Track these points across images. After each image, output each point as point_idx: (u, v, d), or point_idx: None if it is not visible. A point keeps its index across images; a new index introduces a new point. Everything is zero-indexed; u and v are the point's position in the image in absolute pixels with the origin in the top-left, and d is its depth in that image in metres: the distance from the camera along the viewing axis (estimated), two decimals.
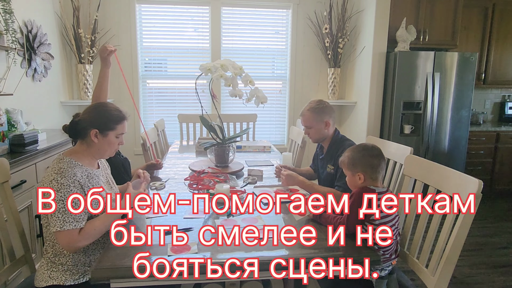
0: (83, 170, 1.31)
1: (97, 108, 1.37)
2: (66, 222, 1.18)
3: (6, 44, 2.41)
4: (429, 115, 3.39)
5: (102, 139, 1.34)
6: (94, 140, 1.33)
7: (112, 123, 1.35)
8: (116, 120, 1.37)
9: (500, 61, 3.99)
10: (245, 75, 2.07)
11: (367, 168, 1.34)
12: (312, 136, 1.96)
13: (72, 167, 1.27)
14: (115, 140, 1.38)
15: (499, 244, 2.86)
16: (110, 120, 1.35)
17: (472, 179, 1.21)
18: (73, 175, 1.24)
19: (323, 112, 1.90)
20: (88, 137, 1.33)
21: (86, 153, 1.35)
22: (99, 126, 1.33)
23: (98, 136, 1.33)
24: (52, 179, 1.21)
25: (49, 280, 1.28)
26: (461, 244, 1.24)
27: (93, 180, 1.34)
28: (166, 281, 1.09)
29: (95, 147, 1.34)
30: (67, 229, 1.18)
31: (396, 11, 3.42)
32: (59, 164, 1.26)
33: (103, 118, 1.34)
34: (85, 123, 1.32)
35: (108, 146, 1.37)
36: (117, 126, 1.37)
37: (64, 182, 1.21)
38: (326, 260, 1.15)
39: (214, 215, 1.48)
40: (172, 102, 3.93)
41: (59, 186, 1.20)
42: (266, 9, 3.86)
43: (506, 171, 3.88)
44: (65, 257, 1.30)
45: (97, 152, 1.37)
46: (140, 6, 3.66)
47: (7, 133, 2.05)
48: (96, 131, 1.32)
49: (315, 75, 4.02)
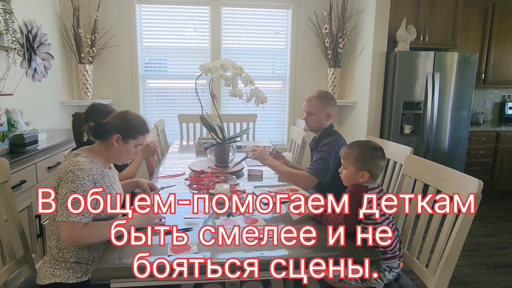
0: (98, 167, 1.34)
1: (126, 115, 1.42)
2: (72, 213, 1.19)
3: (6, 44, 2.41)
4: (429, 115, 3.39)
5: (122, 145, 1.39)
6: (115, 144, 1.37)
7: (135, 133, 1.41)
8: (140, 131, 1.43)
9: (500, 61, 3.99)
10: (245, 75, 2.07)
11: (374, 168, 1.33)
12: (310, 124, 1.99)
13: (89, 162, 1.31)
14: (133, 149, 1.44)
15: (499, 244, 2.86)
16: (135, 130, 1.41)
17: (472, 179, 1.21)
18: (89, 169, 1.28)
19: (329, 103, 1.94)
20: (109, 140, 1.37)
21: (103, 154, 1.39)
22: (123, 132, 1.38)
23: (120, 141, 1.38)
24: (69, 171, 1.24)
25: (51, 277, 1.28)
26: (461, 244, 1.24)
27: (105, 178, 1.37)
28: (166, 281, 1.09)
29: (113, 151, 1.39)
30: (72, 220, 1.19)
31: (396, 11, 3.42)
32: (76, 157, 1.30)
33: (129, 126, 1.40)
34: (111, 126, 1.37)
35: (126, 153, 1.42)
36: (139, 137, 1.43)
37: (80, 174, 1.24)
38: (326, 260, 1.15)
39: (214, 215, 1.48)
40: (172, 102, 3.93)
41: (74, 177, 1.23)
42: (266, 9, 3.86)
43: (506, 171, 3.88)
44: (69, 252, 1.31)
45: (113, 156, 1.41)
46: (140, 6, 3.67)
47: (7, 133, 2.05)
48: (119, 136, 1.37)
49: (315, 75, 4.02)
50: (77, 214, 1.20)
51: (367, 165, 1.32)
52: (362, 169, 1.33)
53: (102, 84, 3.70)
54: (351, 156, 1.35)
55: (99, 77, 3.67)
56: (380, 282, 1.34)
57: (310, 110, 1.96)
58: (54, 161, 2.35)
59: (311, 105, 1.96)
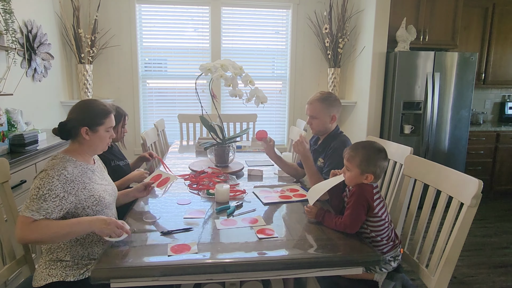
0: (76, 165, 1.32)
1: (82, 106, 1.39)
2: (28, 208, 1.18)
3: (6, 44, 2.41)
4: (429, 115, 3.39)
5: (93, 135, 1.37)
6: (86, 137, 1.35)
7: (100, 118, 1.38)
8: (103, 115, 1.39)
9: (500, 61, 3.99)
10: (245, 75, 2.07)
11: (378, 170, 1.33)
12: (315, 127, 1.91)
13: (64, 161, 1.29)
14: (105, 134, 1.41)
15: (499, 244, 2.86)
16: (98, 116, 1.38)
17: (472, 179, 1.21)
18: (63, 169, 1.26)
19: (332, 105, 1.86)
20: (79, 136, 1.35)
21: (79, 151, 1.38)
22: (88, 123, 1.35)
23: (89, 133, 1.36)
24: (42, 170, 1.25)
25: (48, 278, 1.27)
26: (461, 244, 1.24)
27: (86, 174, 1.35)
28: (166, 281, 1.10)
29: (87, 144, 1.37)
30: (24, 214, 1.17)
31: (396, 11, 3.42)
32: (52, 160, 1.30)
33: (91, 114, 1.37)
34: (74, 122, 1.35)
35: (100, 141, 1.40)
36: (105, 121, 1.39)
37: (51, 173, 1.23)
38: (326, 260, 1.15)
39: (214, 215, 1.48)
40: (172, 102, 3.93)
41: (44, 175, 1.23)
42: (266, 9, 3.86)
43: (506, 171, 3.88)
44: (63, 251, 1.30)
45: (89, 149, 1.39)
46: (140, 6, 3.66)
47: (7, 133, 2.05)
48: (86, 128, 1.35)
49: (315, 75, 4.02)
50: (31, 210, 1.17)
51: (372, 168, 1.32)
52: (366, 171, 1.33)
53: (102, 84, 3.70)
54: (356, 159, 1.34)
55: (99, 77, 3.67)
56: (385, 271, 1.35)
57: (313, 114, 1.88)
58: None
59: (313, 108, 1.87)
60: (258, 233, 1.30)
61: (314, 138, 2.07)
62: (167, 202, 1.63)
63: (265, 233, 1.30)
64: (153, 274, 1.08)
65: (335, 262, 1.16)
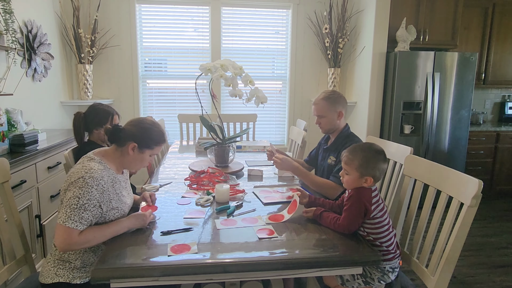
0: (110, 174, 1.32)
1: (145, 125, 1.39)
2: (70, 218, 1.18)
3: (6, 44, 2.41)
4: (429, 115, 3.39)
5: (137, 154, 1.38)
6: (130, 153, 1.36)
7: (152, 143, 1.39)
8: (157, 142, 1.41)
9: (500, 61, 3.99)
10: (245, 75, 2.07)
11: (377, 172, 1.32)
12: (324, 126, 1.95)
13: (102, 169, 1.29)
14: (147, 158, 1.42)
15: (499, 244, 2.86)
16: (152, 140, 1.39)
17: (472, 179, 1.21)
18: (100, 178, 1.25)
19: (337, 102, 1.89)
20: (125, 147, 1.36)
21: (116, 160, 1.38)
22: (140, 141, 1.36)
23: (135, 150, 1.36)
24: (80, 177, 1.22)
25: (55, 277, 1.28)
26: (461, 244, 1.24)
27: (116, 185, 1.36)
28: (166, 281, 1.10)
29: (128, 158, 1.37)
30: (68, 225, 1.18)
31: (396, 11, 3.42)
32: (89, 162, 1.29)
33: (147, 135, 1.38)
34: (128, 134, 1.36)
35: (140, 162, 1.41)
36: (156, 148, 1.41)
37: (90, 182, 1.22)
38: (326, 260, 1.15)
39: (214, 215, 1.48)
40: (172, 102, 3.93)
41: (83, 184, 1.21)
42: (266, 9, 3.86)
43: (506, 171, 3.88)
44: (75, 254, 1.30)
45: (127, 164, 1.40)
46: (140, 6, 3.66)
47: (7, 133, 2.05)
48: (135, 145, 1.35)
49: (315, 75, 4.02)
50: (75, 221, 1.18)
51: (371, 170, 1.31)
52: (366, 174, 1.31)
53: (102, 84, 3.70)
54: (354, 162, 1.32)
55: (99, 77, 3.67)
56: (383, 283, 1.34)
57: (320, 113, 1.92)
58: (54, 161, 2.35)
59: (319, 108, 1.91)
60: (258, 233, 1.30)
61: (325, 137, 2.10)
62: (167, 202, 1.63)
63: (265, 233, 1.30)
64: (153, 274, 1.08)
65: (335, 262, 1.16)
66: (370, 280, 1.33)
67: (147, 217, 1.35)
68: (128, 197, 1.46)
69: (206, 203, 1.61)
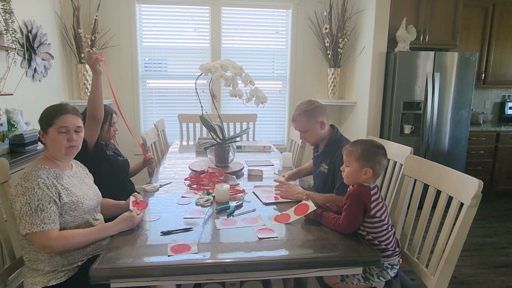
0: (49, 172, 1.30)
1: (43, 112, 1.36)
2: (33, 224, 1.18)
3: (6, 44, 2.41)
4: (429, 115, 3.39)
5: (47, 138, 1.33)
6: (44, 142, 1.34)
7: (49, 120, 1.32)
8: (52, 115, 1.31)
9: (500, 61, 3.99)
10: (245, 75, 2.07)
11: (377, 165, 1.33)
12: (310, 140, 1.88)
13: (36, 170, 1.27)
14: (57, 136, 1.31)
15: (499, 244, 2.86)
16: (47, 117, 1.32)
17: (472, 179, 1.21)
18: (37, 177, 1.24)
19: (315, 112, 1.80)
20: (43, 142, 1.35)
21: (49, 156, 1.36)
22: (41, 126, 1.34)
23: (45, 136, 1.33)
24: (17, 184, 1.23)
25: (32, 286, 1.28)
26: (461, 244, 1.24)
27: (63, 180, 1.33)
28: (166, 281, 1.10)
29: (49, 147, 1.34)
30: (35, 231, 1.18)
31: (396, 11, 3.42)
32: (24, 170, 1.28)
33: (43, 117, 1.34)
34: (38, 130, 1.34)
35: (54, 143, 1.31)
36: (55, 121, 1.31)
37: (28, 185, 1.21)
38: (326, 260, 1.15)
39: (214, 215, 1.48)
40: (172, 102, 3.92)
41: (23, 190, 1.20)
42: (266, 9, 3.85)
43: (506, 171, 3.88)
44: (42, 262, 1.29)
45: (52, 152, 1.34)
46: (140, 6, 3.66)
47: (7, 133, 2.05)
48: (41, 131, 1.33)
49: (315, 75, 4.02)
50: (38, 224, 1.18)
51: (370, 162, 1.32)
52: (365, 165, 1.32)
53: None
54: (354, 153, 1.35)
55: None
56: (382, 280, 1.34)
57: (301, 129, 1.85)
58: None
59: (299, 124, 1.83)
60: (258, 233, 1.30)
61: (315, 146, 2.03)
62: (167, 202, 1.63)
63: (265, 233, 1.30)
64: (153, 274, 1.08)
65: (335, 262, 1.16)
66: (369, 276, 1.34)
67: (135, 218, 1.33)
68: (88, 189, 1.43)
69: (206, 203, 1.61)
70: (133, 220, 1.32)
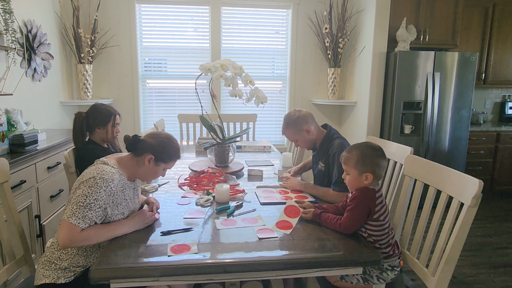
0: (121, 179, 1.34)
1: (164, 139, 1.42)
2: (74, 215, 1.20)
3: (6, 44, 2.40)
4: (429, 115, 3.39)
5: (152, 166, 1.40)
6: (146, 164, 1.38)
7: (168, 158, 1.42)
8: (173, 157, 1.44)
9: (500, 61, 3.99)
10: (245, 75, 2.07)
11: (376, 168, 1.31)
12: (302, 146, 1.99)
13: (114, 172, 1.31)
14: (161, 172, 1.44)
15: (499, 244, 2.86)
16: (169, 155, 1.42)
17: (472, 179, 1.21)
18: (111, 181, 1.27)
19: (298, 122, 1.90)
20: (141, 158, 1.38)
21: (131, 168, 1.40)
22: (157, 154, 1.39)
23: (151, 162, 1.39)
24: (91, 177, 1.25)
25: (42, 278, 1.29)
26: (461, 244, 1.24)
27: (126, 191, 1.37)
28: (166, 281, 1.09)
29: (142, 169, 1.40)
30: (71, 222, 1.19)
31: (396, 11, 3.42)
32: (103, 166, 1.31)
33: (164, 150, 1.40)
34: (147, 145, 1.38)
35: (153, 174, 1.43)
36: (170, 163, 1.45)
37: (99, 183, 1.24)
38: (326, 260, 1.15)
39: (214, 215, 1.48)
40: (172, 102, 3.92)
41: (93, 183, 1.23)
42: (266, 9, 3.85)
43: (506, 171, 3.88)
44: (66, 254, 1.31)
45: (141, 174, 1.42)
46: (140, 6, 3.66)
47: (7, 133, 2.05)
48: (152, 157, 1.38)
49: (315, 75, 4.02)
50: (78, 218, 1.20)
51: (369, 166, 1.31)
52: (364, 171, 1.31)
53: (102, 84, 3.70)
54: (351, 159, 1.33)
55: (99, 77, 3.67)
56: (382, 282, 1.34)
57: (291, 139, 1.96)
58: (54, 161, 2.35)
59: (288, 136, 1.95)
60: (258, 233, 1.30)
61: None
62: (167, 202, 1.63)
63: (265, 233, 1.30)
64: (153, 274, 1.08)
65: (335, 262, 1.16)
66: (368, 277, 1.33)
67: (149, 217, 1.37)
68: (136, 204, 1.48)
69: (206, 203, 1.61)
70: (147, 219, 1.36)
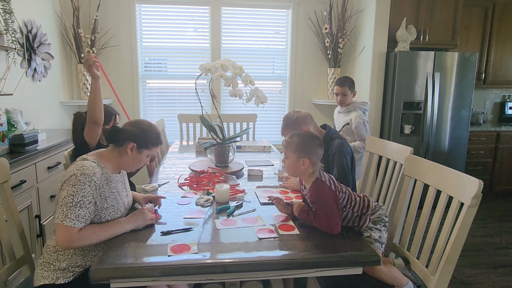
0: (104, 172, 1.33)
1: (142, 125, 1.42)
2: (67, 217, 1.19)
3: (6, 44, 2.41)
4: (429, 115, 3.39)
5: (136, 154, 1.39)
6: (128, 153, 1.37)
7: (150, 144, 1.41)
8: (154, 142, 1.43)
9: (500, 61, 3.99)
10: (245, 75, 2.07)
11: (313, 155, 1.39)
12: None
13: (94, 166, 1.30)
14: (145, 159, 1.43)
15: (499, 244, 2.86)
16: (150, 141, 1.41)
17: (472, 179, 1.21)
18: (93, 175, 1.26)
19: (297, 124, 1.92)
20: (123, 147, 1.37)
21: (114, 160, 1.39)
22: (139, 142, 1.38)
23: (134, 150, 1.38)
24: (72, 174, 1.24)
25: (41, 279, 1.28)
26: (461, 244, 1.24)
27: (111, 184, 1.36)
28: (166, 281, 1.10)
29: (126, 158, 1.38)
30: (66, 224, 1.18)
31: (396, 11, 3.42)
32: (83, 161, 1.30)
33: (145, 136, 1.39)
34: (127, 134, 1.37)
35: (137, 162, 1.42)
36: (153, 148, 1.44)
37: (82, 179, 1.23)
38: (326, 260, 1.15)
39: (214, 215, 1.48)
40: (172, 102, 3.92)
41: (76, 181, 1.22)
42: (266, 9, 3.85)
43: (506, 171, 3.88)
44: (64, 255, 1.30)
45: (124, 164, 1.41)
46: (140, 6, 3.66)
47: (7, 133, 2.05)
48: (134, 145, 1.37)
49: (315, 75, 4.02)
50: (72, 219, 1.19)
51: (307, 153, 1.38)
52: (302, 156, 1.38)
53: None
54: (292, 145, 1.41)
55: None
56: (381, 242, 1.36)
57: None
58: (54, 161, 2.35)
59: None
60: (258, 233, 1.30)
61: None
62: (167, 202, 1.63)
63: (265, 233, 1.30)
64: (153, 274, 1.08)
65: (335, 262, 1.16)
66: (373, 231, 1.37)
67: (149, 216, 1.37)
68: (125, 197, 1.46)
69: (206, 203, 1.61)
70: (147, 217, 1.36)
